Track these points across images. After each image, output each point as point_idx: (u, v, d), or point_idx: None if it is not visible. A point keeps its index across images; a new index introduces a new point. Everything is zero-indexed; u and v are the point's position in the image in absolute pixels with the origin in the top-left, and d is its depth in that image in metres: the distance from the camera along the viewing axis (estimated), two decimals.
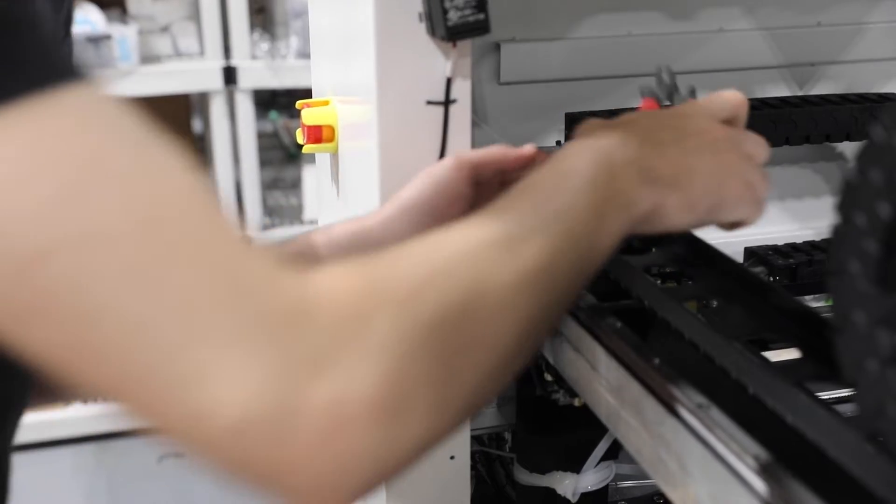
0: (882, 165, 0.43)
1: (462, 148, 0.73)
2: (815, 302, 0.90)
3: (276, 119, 3.03)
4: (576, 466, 0.88)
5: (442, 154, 0.72)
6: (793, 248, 0.94)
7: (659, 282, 0.74)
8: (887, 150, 0.43)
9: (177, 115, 2.69)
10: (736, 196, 0.61)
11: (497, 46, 1.00)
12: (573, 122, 0.97)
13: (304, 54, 2.35)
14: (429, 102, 0.71)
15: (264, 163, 2.71)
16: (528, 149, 0.71)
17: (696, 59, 1.06)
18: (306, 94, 0.97)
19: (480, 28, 0.71)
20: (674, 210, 0.59)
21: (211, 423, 0.38)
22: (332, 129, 0.85)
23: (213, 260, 0.40)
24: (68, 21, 0.59)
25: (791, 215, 1.13)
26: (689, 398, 0.61)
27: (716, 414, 0.59)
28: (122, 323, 0.38)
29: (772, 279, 0.90)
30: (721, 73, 1.06)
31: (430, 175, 0.69)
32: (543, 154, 0.71)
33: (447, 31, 0.70)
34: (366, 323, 0.42)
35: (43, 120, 0.39)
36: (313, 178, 2.33)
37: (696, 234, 0.73)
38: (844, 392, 0.55)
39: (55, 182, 0.38)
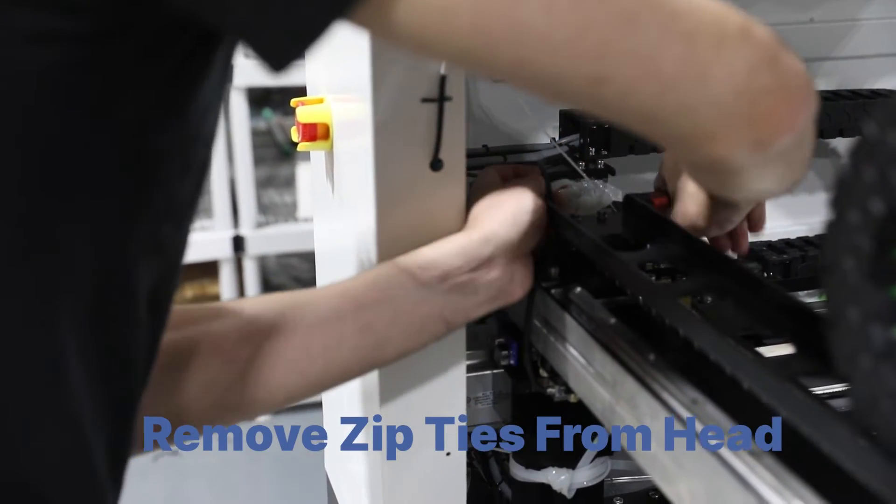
0: (875, 162, 0.43)
1: (457, 145, 0.73)
2: (809, 297, 0.90)
3: (270, 117, 3.03)
4: (571, 462, 0.89)
5: (437, 152, 0.72)
6: (787, 243, 0.94)
7: (653, 278, 0.74)
8: (880, 146, 0.43)
9: None
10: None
11: None
12: (568, 120, 0.98)
13: None
14: (423, 100, 0.71)
15: (258, 160, 2.71)
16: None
17: None
18: (301, 91, 0.97)
19: None
20: None
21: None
22: (326, 126, 0.85)
23: None
24: None
25: (785, 211, 1.13)
26: (683, 393, 0.61)
27: (710, 409, 0.59)
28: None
29: (766, 275, 0.90)
30: None
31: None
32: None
33: None
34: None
35: None
36: (307, 175, 2.31)
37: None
38: (838, 387, 0.56)
39: None
